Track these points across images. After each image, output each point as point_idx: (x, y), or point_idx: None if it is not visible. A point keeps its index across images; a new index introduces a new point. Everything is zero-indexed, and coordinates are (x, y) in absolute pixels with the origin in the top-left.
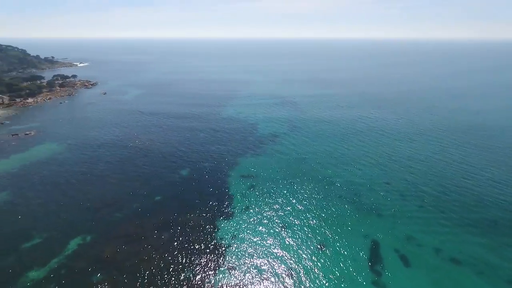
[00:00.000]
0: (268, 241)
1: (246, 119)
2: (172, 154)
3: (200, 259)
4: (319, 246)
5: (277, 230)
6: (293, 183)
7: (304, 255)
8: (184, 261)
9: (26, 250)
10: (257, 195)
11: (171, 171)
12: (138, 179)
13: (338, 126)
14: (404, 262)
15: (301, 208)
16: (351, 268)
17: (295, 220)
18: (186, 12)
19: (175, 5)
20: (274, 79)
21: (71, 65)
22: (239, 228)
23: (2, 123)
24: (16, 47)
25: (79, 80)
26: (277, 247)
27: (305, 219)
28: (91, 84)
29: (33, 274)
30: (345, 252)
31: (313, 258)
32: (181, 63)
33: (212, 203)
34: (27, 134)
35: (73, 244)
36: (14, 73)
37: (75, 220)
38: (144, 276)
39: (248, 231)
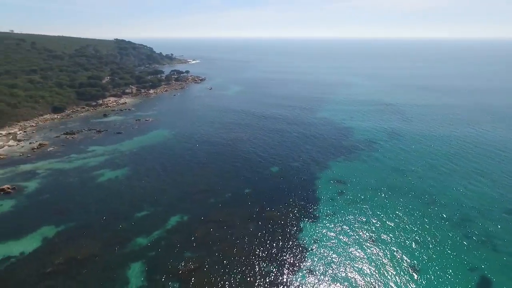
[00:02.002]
0: (351, 252)
1: (341, 123)
2: (263, 152)
3: (281, 256)
4: (410, 270)
5: (363, 243)
6: (387, 195)
7: (390, 276)
8: (265, 254)
9: (137, 219)
10: (346, 202)
11: (261, 167)
12: (231, 170)
13: (448, 139)
14: None
15: (393, 224)
16: None
17: (385, 236)
18: (292, 12)
19: (282, 5)
20: (381, 84)
21: (185, 62)
22: (323, 233)
23: (129, 109)
24: (146, 46)
25: (191, 76)
26: (360, 261)
27: (396, 236)
28: (200, 80)
29: (140, 240)
30: (444, 283)
31: (402, 281)
32: (281, 63)
33: (299, 203)
34: (147, 120)
35: (173, 220)
36: (142, 68)
37: (176, 200)
38: (227, 261)
39: (332, 238)
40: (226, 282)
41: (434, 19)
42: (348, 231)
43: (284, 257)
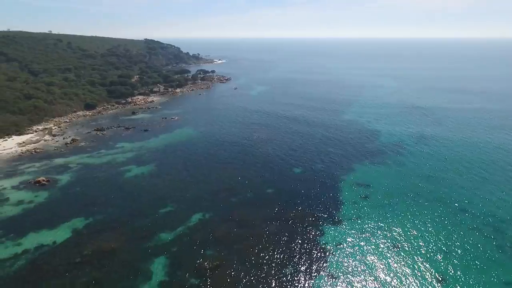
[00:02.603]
0: (374, 260)
1: (367, 125)
2: (286, 153)
3: (301, 259)
4: (435, 282)
5: (386, 250)
6: (412, 201)
7: (415, 287)
8: (285, 256)
9: (161, 215)
10: (369, 207)
11: (283, 168)
12: (253, 170)
13: (481, 145)
14: None
15: (418, 232)
16: None
17: (409, 244)
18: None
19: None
20: (409, 85)
21: (211, 61)
22: (345, 238)
23: (156, 108)
24: (173, 45)
25: (216, 75)
26: (382, 269)
27: (421, 245)
28: (225, 79)
29: (163, 236)
30: None
31: None
32: (306, 63)
33: (321, 206)
34: (173, 118)
35: (195, 218)
36: (169, 67)
37: (198, 197)
38: (247, 260)
39: (354, 243)
40: (245, 282)
41: (460, 18)
42: (371, 237)
43: (304, 260)
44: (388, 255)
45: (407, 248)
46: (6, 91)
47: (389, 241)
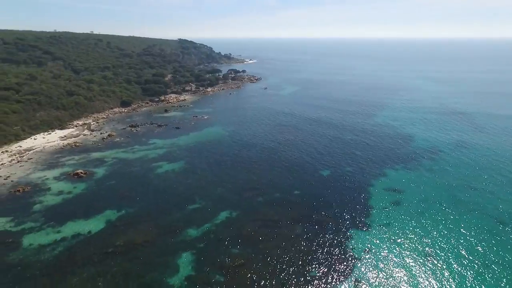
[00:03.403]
0: (404, 268)
1: (401, 129)
2: (314, 155)
3: (327, 262)
4: None
5: (419, 260)
6: (449, 209)
7: None
8: (311, 258)
9: (189, 211)
10: (401, 213)
11: (311, 170)
12: (281, 171)
13: None
14: None
15: (455, 242)
16: None
17: (444, 254)
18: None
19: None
20: (453, 89)
21: (242, 61)
22: (374, 244)
23: (188, 106)
24: (206, 45)
25: (247, 75)
26: (414, 279)
27: (458, 255)
28: (256, 79)
29: (191, 232)
30: None
31: None
32: (339, 64)
33: (349, 209)
34: (203, 117)
35: (222, 215)
36: (201, 66)
37: (226, 195)
38: (273, 261)
39: (383, 250)
40: (270, 282)
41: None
42: (402, 244)
43: (330, 264)
44: (418, 266)
45: (439, 261)
46: (51, 87)
47: (420, 251)
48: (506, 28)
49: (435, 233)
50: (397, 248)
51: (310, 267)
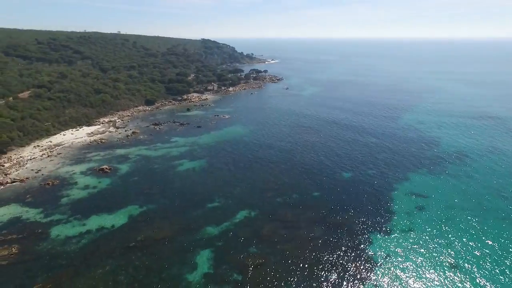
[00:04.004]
0: (426, 277)
1: (426, 133)
2: (335, 156)
3: (346, 266)
4: None
5: (441, 268)
6: (475, 217)
7: None
8: (329, 261)
9: (209, 209)
10: (425, 219)
11: (332, 172)
12: (300, 172)
13: None
14: None
15: (480, 252)
16: None
17: (469, 264)
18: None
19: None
20: (486, 93)
21: (264, 61)
22: (395, 249)
23: (210, 105)
24: (228, 45)
25: (269, 75)
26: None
27: (483, 266)
28: (277, 79)
29: (210, 230)
30: None
31: None
32: (365, 65)
33: (370, 213)
34: (224, 116)
35: (241, 215)
36: (224, 66)
37: (245, 195)
38: (291, 262)
39: (404, 256)
40: (287, 283)
41: None
42: (425, 252)
43: (349, 267)
44: (440, 278)
45: (463, 273)
46: (80, 86)
47: (445, 258)
48: None
49: (460, 243)
50: (418, 257)
51: (327, 270)
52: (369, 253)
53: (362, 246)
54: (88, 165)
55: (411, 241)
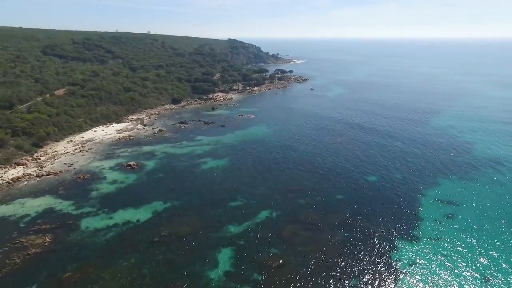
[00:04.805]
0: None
1: (457, 138)
2: (360, 160)
3: (369, 272)
4: None
5: (472, 281)
6: (511, 228)
7: None
8: (352, 266)
9: (231, 208)
10: (455, 228)
11: (356, 175)
12: (323, 174)
13: None
14: None
15: None
16: None
17: (504, 278)
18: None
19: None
20: None
21: (290, 61)
22: (421, 258)
23: (234, 105)
24: (254, 45)
25: (294, 75)
26: None
27: None
28: (303, 80)
29: (232, 228)
30: None
31: None
32: (394, 66)
33: (396, 219)
34: (248, 116)
35: (263, 215)
36: (249, 66)
37: (267, 195)
38: (312, 265)
39: (431, 266)
40: (307, 285)
41: None
42: (454, 262)
43: (371, 274)
44: (472, 286)
45: (495, 285)
46: (111, 84)
47: (475, 270)
48: None
49: (493, 253)
50: (448, 266)
51: (349, 276)
52: (393, 260)
53: (387, 252)
54: (117, 160)
55: (438, 250)
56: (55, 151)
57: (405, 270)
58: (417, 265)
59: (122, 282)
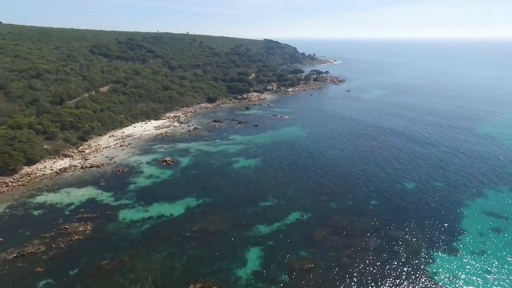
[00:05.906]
0: None
1: (506, 147)
2: (395, 165)
3: (400, 283)
4: None
5: None
6: None
7: None
8: (384, 276)
9: (261, 207)
10: (502, 243)
11: (392, 181)
12: (357, 178)
13: None
14: None
15: None
16: None
17: None
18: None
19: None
20: None
21: (326, 62)
22: (462, 272)
23: (268, 105)
24: (290, 45)
25: (330, 76)
26: None
27: None
28: (339, 81)
29: (262, 228)
30: None
31: None
32: (437, 68)
33: (434, 229)
34: (282, 116)
35: (293, 216)
36: (284, 66)
37: (298, 197)
38: (342, 271)
39: (473, 282)
40: None
41: None
42: (498, 279)
43: (404, 285)
44: None
45: None
46: (151, 82)
47: None
48: None
49: None
50: (492, 282)
51: (379, 285)
52: (430, 272)
53: (422, 263)
54: (153, 156)
55: (483, 264)
56: (98, 144)
57: (443, 283)
58: (457, 279)
59: (155, 273)
